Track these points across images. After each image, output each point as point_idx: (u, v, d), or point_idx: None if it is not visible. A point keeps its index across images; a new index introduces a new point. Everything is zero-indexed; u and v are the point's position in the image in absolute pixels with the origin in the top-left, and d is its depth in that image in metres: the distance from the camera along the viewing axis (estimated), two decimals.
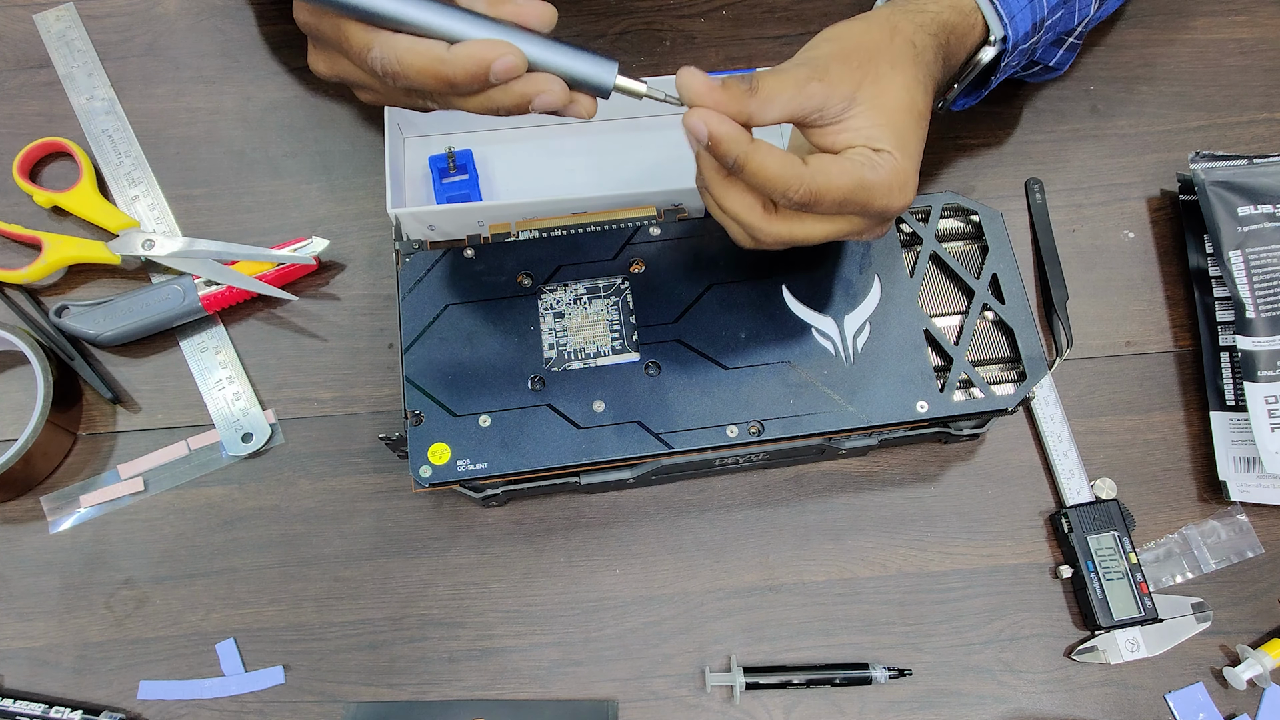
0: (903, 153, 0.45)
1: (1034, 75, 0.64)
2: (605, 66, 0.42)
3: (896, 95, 0.46)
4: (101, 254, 0.59)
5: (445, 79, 0.40)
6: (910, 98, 0.46)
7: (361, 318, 0.60)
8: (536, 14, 0.41)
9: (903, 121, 0.46)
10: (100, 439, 0.58)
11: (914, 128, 0.46)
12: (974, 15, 0.51)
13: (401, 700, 0.53)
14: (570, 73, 0.42)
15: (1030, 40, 0.54)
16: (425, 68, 0.40)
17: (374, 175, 0.63)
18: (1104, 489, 0.56)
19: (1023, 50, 0.54)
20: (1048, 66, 0.62)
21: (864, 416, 0.50)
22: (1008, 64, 0.54)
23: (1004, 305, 0.53)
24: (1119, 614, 0.53)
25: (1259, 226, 0.56)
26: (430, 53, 0.40)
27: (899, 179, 0.45)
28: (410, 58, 0.40)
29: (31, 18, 0.67)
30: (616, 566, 0.55)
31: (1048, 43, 0.58)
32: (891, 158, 0.44)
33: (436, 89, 0.41)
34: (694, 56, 0.67)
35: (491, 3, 0.42)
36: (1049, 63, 0.61)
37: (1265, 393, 0.54)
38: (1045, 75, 0.64)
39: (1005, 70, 0.55)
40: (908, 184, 0.45)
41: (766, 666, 0.53)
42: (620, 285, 0.53)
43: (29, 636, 0.54)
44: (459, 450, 0.49)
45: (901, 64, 0.47)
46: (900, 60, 0.47)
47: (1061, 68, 0.62)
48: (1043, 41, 0.56)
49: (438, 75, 0.40)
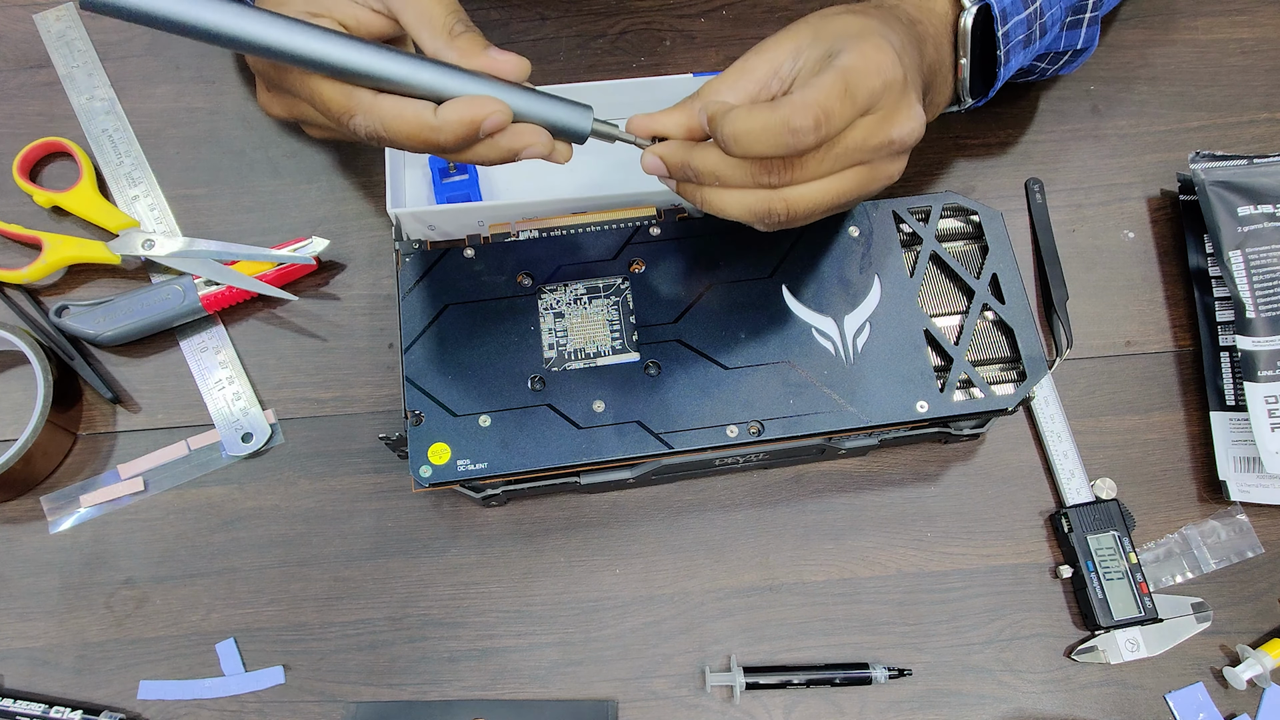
0: (868, 42, 0.42)
1: (1065, 65, 0.61)
2: (581, 114, 0.42)
3: (846, 22, 0.44)
4: (101, 254, 0.59)
5: (434, 143, 0.40)
6: (862, 23, 0.44)
7: (361, 318, 0.60)
8: (513, 66, 0.41)
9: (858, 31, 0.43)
10: (100, 439, 0.58)
11: (877, 33, 0.43)
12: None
13: (401, 700, 0.53)
14: (550, 121, 0.42)
15: (1028, 9, 0.51)
16: (414, 133, 0.40)
17: (374, 175, 0.63)
18: (1104, 489, 0.56)
19: (1023, 20, 0.51)
20: (1075, 50, 0.59)
21: (864, 416, 0.50)
22: (1016, 44, 0.52)
23: (1004, 305, 0.53)
24: (1119, 614, 0.53)
25: (1259, 226, 0.56)
26: (418, 118, 0.39)
27: (876, 61, 0.41)
28: (398, 124, 0.39)
29: (31, 17, 0.67)
30: (616, 566, 0.55)
31: (1058, 21, 0.55)
32: (858, 46, 0.42)
33: (423, 150, 0.41)
34: (694, 56, 0.67)
35: (464, 55, 0.41)
36: (1075, 45, 0.58)
37: (1265, 393, 0.54)
38: (1076, 61, 0.61)
39: (1015, 50, 0.52)
40: (888, 67, 0.42)
41: (766, 666, 0.53)
42: (620, 285, 0.53)
43: (29, 636, 0.54)
44: (459, 450, 0.49)
45: (850, 9, 0.46)
46: (849, 9, 0.46)
47: (1090, 46, 0.59)
48: (1052, 20, 0.53)
49: (427, 140, 0.40)
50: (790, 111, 0.39)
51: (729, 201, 0.44)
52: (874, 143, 0.43)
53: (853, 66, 0.41)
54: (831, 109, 0.40)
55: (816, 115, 0.40)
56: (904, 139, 0.43)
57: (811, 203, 0.43)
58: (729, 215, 0.44)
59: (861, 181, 0.44)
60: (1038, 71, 0.62)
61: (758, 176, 0.42)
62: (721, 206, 0.44)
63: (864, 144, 0.42)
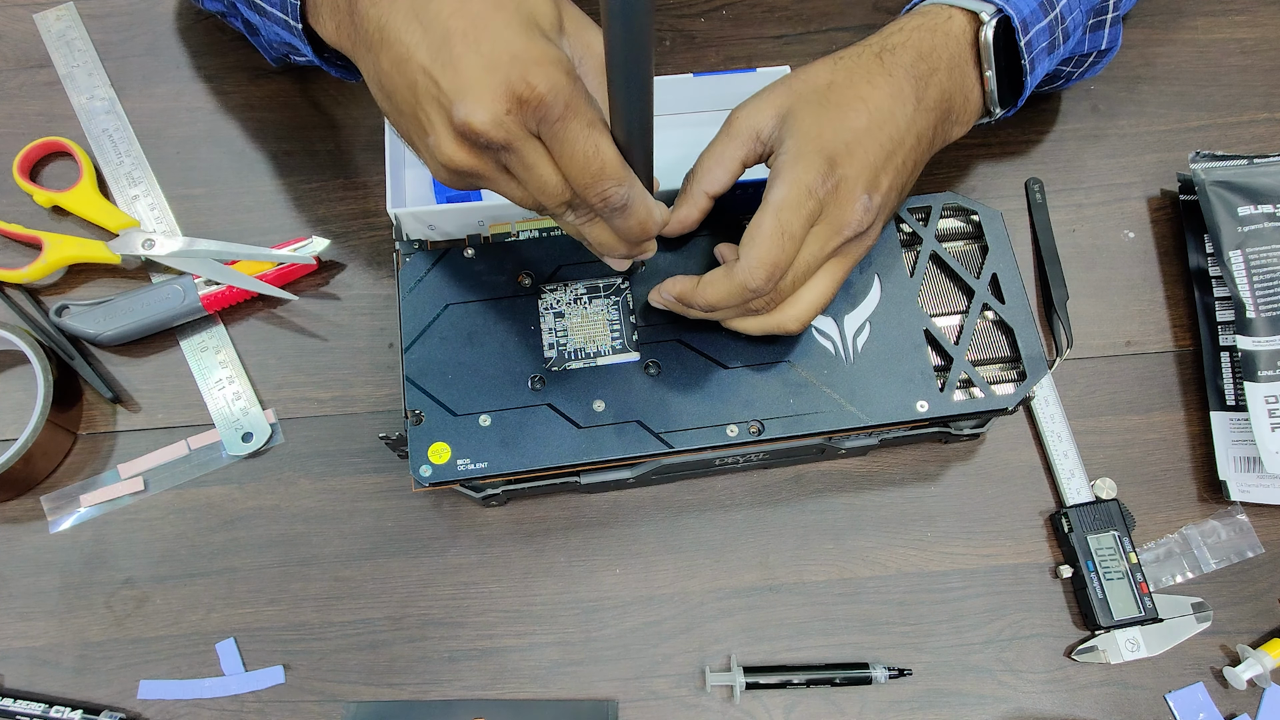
0: (796, 135, 0.46)
1: (1091, 67, 0.61)
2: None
3: (805, 78, 0.48)
4: (101, 254, 0.59)
5: (647, 232, 0.43)
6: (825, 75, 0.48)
7: (361, 318, 0.60)
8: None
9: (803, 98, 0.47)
10: (100, 439, 0.58)
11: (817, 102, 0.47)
12: (948, 19, 0.51)
13: (401, 700, 0.53)
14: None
15: (1048, 16, 0.52)
16: (643, 221, 0.42)
17: (374, 175, 0.63)
18: (1104, 489, 0.56)
19: (1044, 28, 0.52)
20: (1100, 51, 0.60)
21: (864, 416, 0.50)
22: (1040, 51, 0.52)
23: (1004, 305, 0.53)
24: (1119, 614, 0.53)
25: (1259, 226, 0.56)
26: (650, 213, 0.43)
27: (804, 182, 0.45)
28: (641, 204, 0.42)
29: (32, 17, 0.67)
30: (616, 566, 0.55)
31: (1080, 26, 0.55)
32: (785, 151, 0.46)
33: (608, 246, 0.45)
34: (694, 56, 0.67)
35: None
36: (1099, 47, 0.59)
37: (1265, 392, 0.54)
38: (1101, 62, 0.61)
39: (1039, 58, 0.53)
40: (816, 180, 0.45)
41: (766, 666, 0.53)
42: (620, 285, 0.53)
43: (29, 636, 0.54)
44: (459, 450, 0.49)
45: (828, 61, 0.49)
46: (827, 61, 0.49)
47: (1114, 46, 0.60)
48: (1074, 24, 0.54)
49: (644, 226, 0.43)
50: (744, 277, 0.44)
51: (746, 326, 0.48)
52: (831, 246, 0.47)
53: (783, 201, 0.45)
54: (776, 258, 0.44)
55: (767, 270, 0.44)
56: (857, 227, 0.46)
57: (808, 308, 0.48)
58: (753, 333, 0.49)
59: (842, 269, 0.48)
60: (1064, 76, 0.62)
61: (748, 312, 0.48)
62: (741, 329, 0.49)
63: (821, 251, 0.46)
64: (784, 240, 0.44)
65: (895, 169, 0.48)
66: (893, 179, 0.48)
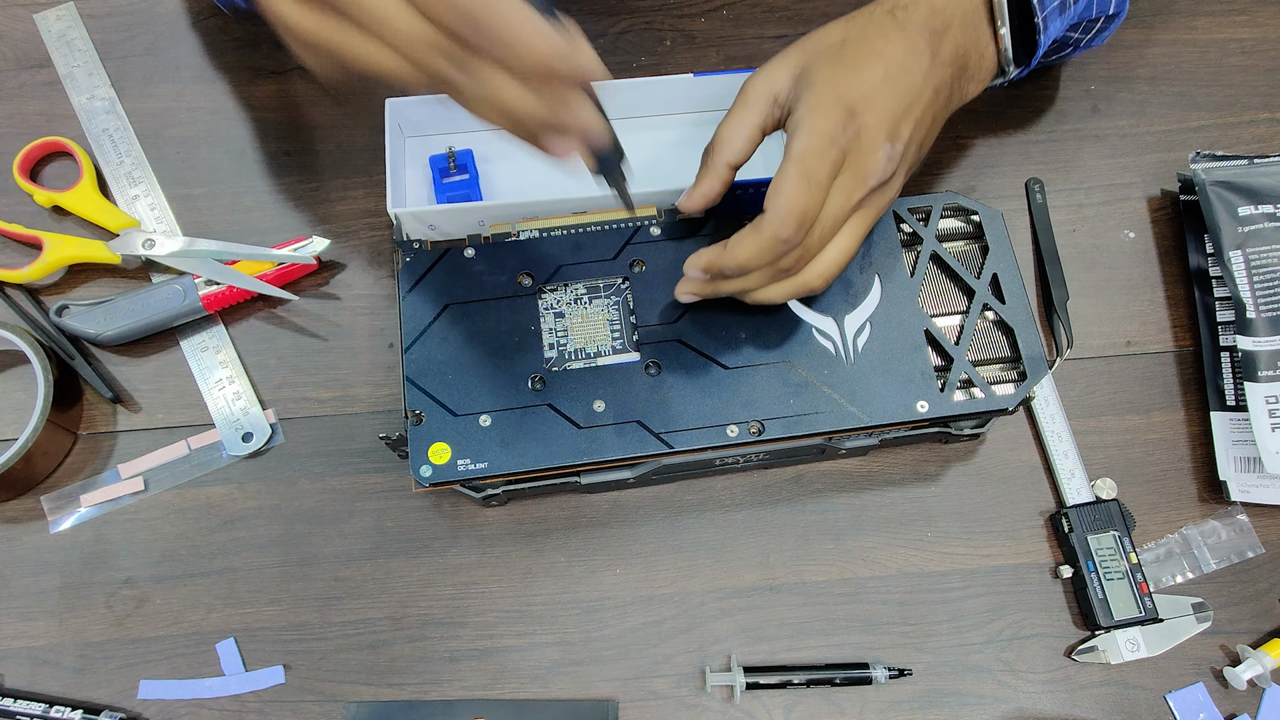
0: (813, 88, 0.45)
1: (1098, 34, 0.60)
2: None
3: (818, 37, 0.48)
4: (102, 253, 0.59)
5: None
6: (838, 33, 0.47)
7: (361, 318, 0.60)
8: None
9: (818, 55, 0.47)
10: (100, 438, 0.58)
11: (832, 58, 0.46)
12: None
13: (401, 700, 0.53)
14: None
15: None
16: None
17: (374, 175, 0.63)
18: (1104, 489, 0.56)
19: None
20: (1108, 16, 0.59)
21: (864, 416, 0.50)
22: (1052, 10, 0.52)
23: (1004, 305, 0.53)
24: (1119, 614, 0.53)
25: (1259, 226, 0.56)
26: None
27: (825, 130, 0.44)
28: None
29: (32, 17, 0.67)
30: (616, 566, 0.55)
31: None
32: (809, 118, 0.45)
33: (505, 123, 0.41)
34: (694, 56, 0.67)
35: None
36: (1107, 11, 0.58)
37: (1265, 393, 0.54)
38: (1108, 29, 0.60)
39: (1052, 17, 0.53)
40: (837, 127, 0.44)
41: (766, 666, 0.53)
42: (620, 285, 0.53)
43: (29, 636, 0.54)
44: (459, 450, 0.49)
45: (842, 21, 0.49)
46: (841, 20, 0.49)
47: (1122, 11, 0.59)
48: None
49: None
50: (774, 228, 0.44)
51: (772, 295, 0.48)
52: (856, 197, 0.46)
53: (805, 150, 0.44)
54: (804, 204, 0.44)
55: (796, 219, 0.44)
56: (881, 175, 0.46)
57: (833, 264, 0.47)
58: (778, 302, 0.49)
59: (865, 223, 0.48)
60: (1072, 42, 0.61)
61: (777, 275, 0.47)
62: (767, 299, 0.48)
63: (847, 202, 0.46)
64: (810, 187, 0.44)
65: (915, 120, 0.47)
66: (913, 130, 0.47)
